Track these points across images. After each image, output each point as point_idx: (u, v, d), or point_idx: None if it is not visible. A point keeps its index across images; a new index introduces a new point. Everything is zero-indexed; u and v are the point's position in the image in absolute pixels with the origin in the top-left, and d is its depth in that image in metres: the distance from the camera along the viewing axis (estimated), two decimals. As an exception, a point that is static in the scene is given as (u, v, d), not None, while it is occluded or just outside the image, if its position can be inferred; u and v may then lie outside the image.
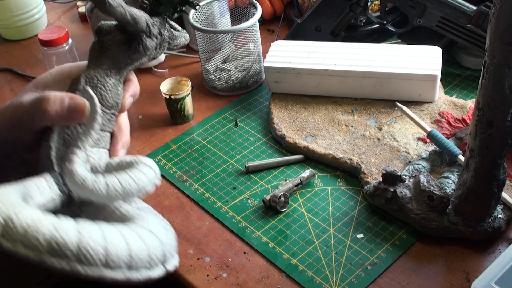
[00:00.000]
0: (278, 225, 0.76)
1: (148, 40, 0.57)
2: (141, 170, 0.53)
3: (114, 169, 0.54)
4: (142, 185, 0.52)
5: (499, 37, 0.56)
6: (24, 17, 1.25)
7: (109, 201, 0.51)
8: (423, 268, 0.69)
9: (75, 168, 0.51)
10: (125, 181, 0.51)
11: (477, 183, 0.67)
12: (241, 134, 0.93)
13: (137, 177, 0.52)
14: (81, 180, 0.50)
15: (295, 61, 0.94)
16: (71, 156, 0.52)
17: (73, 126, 0.55)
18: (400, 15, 1.07)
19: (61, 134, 0.55)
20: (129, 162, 0.54)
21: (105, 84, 0.57)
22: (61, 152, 0.55)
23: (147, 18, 0.57)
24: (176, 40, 0.60)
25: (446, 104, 0.90)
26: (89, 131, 0.52)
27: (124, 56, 0.57)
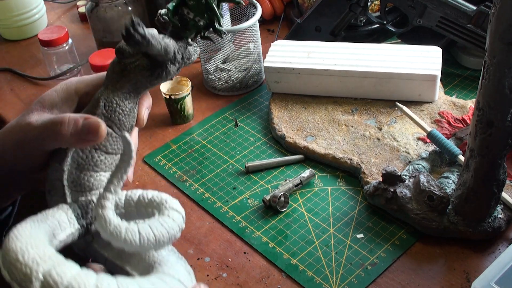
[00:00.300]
0: (278, 225, 0.76)
1: (172, 66, 0.56)
2: (171, 216, 0.53)
3: (135, 206, 0.54)
4: (172, 233, 0.52)
5: (499, 37, 0.56)
6: (24, 17, 1.25)
7: (141, 251, 0.51)
8: (423, 268, 0.69)
9: (108, 216, 0.49)
10: (158, 231, 0.51)
11: (477, 183, 0.67)
12: (241, 134, 0.93)
13: (168, 225, 0.52)
14: (116, 231, 0.49)
15: (295, 61, 0.94)
16: (104, 202, 0.50)
17: (88, 151, 0.55)
18: (400, 15, 1.07)
19: (75, 158, 0.54)
20: (151, 200, 0.54)
21: (124, 108, 0.56)
22: (73, 175, 0.55)
23: (175, 46, 0.55)
24: (191, 58, 0.58)
25: (446, 104, 0.90)
26: (122, 175, 0.50)
27: (146, 81, 0.56)
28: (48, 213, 0.51)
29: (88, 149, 0.55)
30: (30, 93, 1.10)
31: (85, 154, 0.55)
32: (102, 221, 0.49)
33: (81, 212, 0.53)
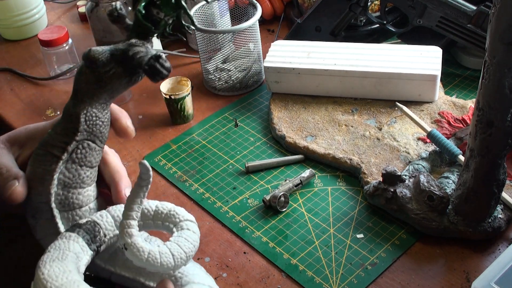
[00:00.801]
0: (278, 225, 0.76)
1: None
2: (190, 228, 0.55)
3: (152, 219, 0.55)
4: (197, 245, 0.54)
5: (499, 37, 0.56)
6: (24, 17, 1.25)
7: (175, 270, 0.53)
8: (423, 268, 0.69)
9: (140, 244, 0.50)
10: (187, 247, 0.53)
11: (477, 183, 0.67)
12: (241, 134, 0.93)
13: (192, 238, 0.54)
14: (151, 257, 0.50)
15: (295, 61, 0.94)
16: (130, 230, 0.51)
17: (74, 169, 0.55)
18: (400, 15, 1.07)
19: (61, 179, 0.54)
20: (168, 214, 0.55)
21: (103, 119, 0.55)
22: (61, 196, 0.55)
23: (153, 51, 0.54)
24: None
25: (446, 104, 0.90)
26: (142, 200, 0.50)
27: (123, 88, 0.54)
28: (61, 247, 0.51)
29: (74, 168, 0.54)
30: (30, 93, 1.10)
31: (72, 173, 0.55)
32: (135, 251, 0.50)
33: (90, 237, 0.54)
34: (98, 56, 0.52)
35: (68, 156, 0.54)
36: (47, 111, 1.05)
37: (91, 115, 0.54)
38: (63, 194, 0.55)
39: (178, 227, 0.55)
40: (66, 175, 0.54)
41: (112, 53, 0.52)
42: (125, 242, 0.50)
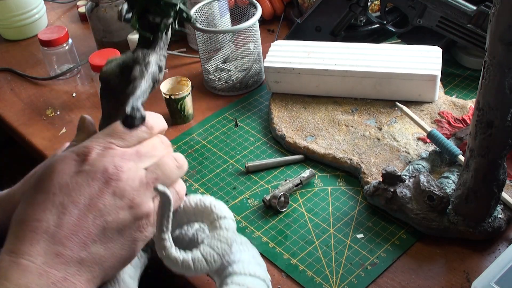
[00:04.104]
0: (278, 225, 0.76)
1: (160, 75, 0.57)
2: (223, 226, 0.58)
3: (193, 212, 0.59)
4: (230, 242, 0.58)
5: (499, 37, 0.56)
6: (24, 17, 1.25)
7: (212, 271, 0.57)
8: (423, 268, 0.69)
9: (174, 255, 0.55)
10: (220, 248, 0.57)
11: (477, 183, 0.67)
12: (241, 134, 0.93)
13: (225, 237, 0.57)
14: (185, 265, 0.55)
15: (295, 61, 0.94)
16: (163, 243, 0.55)
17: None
18: (400, 15, 1.07)
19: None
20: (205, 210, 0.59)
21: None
22: None
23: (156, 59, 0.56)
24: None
25: (446, 104, 0.90)
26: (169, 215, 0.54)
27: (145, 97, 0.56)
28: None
29: None
30: (30, 93, 1.10)
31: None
32: (171, 262, 0.55)
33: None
34: (110, 77, 0.55)
35: None
36: (47, 111, 1.05)
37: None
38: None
39: (213, 227, 0.58)
40: None
41: (122, 71, 0.55)
42: (161, 255, 0.55)
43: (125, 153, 0.53)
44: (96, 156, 0.52)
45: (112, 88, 0.55)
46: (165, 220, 0.53)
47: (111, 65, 0.55)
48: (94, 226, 0.50)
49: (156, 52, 0.56)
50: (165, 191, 0.52)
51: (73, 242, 0.49)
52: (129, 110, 0.50)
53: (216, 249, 0.56)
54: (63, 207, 0.50)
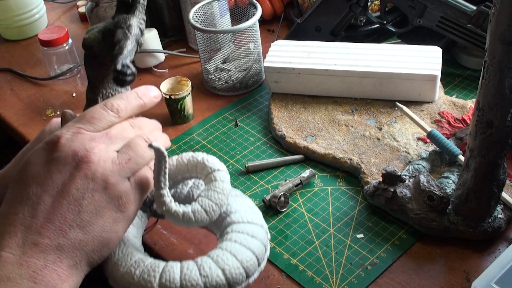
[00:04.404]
0: (278, 225, 0.76)
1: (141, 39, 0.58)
2: (219, 178, 0.59)
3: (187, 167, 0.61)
4: (227, 192, 0.59)
5: (499, 38, 0.56)
6: (24, 17, 1.25)
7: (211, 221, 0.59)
8: (423, 268, 0.69)
9: (174, 209, 0.57)
10: (217, 199, 0.59)
11: (477, 183, 0.67)
12: (241, 134, 0.93)
13: (221, 188, 0.59)
14: (186, 218, 0.57)
15: (295, 61, 0.94)
16: (163, 199, 0.56)
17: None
18: (400, 15, 1.07)
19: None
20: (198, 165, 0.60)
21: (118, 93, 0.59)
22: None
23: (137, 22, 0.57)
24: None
25: (446, 104, 0.90)
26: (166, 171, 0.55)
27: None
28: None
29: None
30: (30, 93, 1.10)
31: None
32: (172, 216, 0.57)
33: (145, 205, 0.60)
34: (92, 43, 0.57)
35: None
36: (47, 111, 1.05)
37: (107, 96, 0.58)
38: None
39: (208, 179, 0.60)
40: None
41: (104, 36, 0.57)
42: (162, 210, 0.57)
43: (95, 136, 0.54)
44: (66, 141, 0.52)
45: (96, 55, 0.57)
46: (161, 177, 0.55)
47: (93, 31, 0.57)
48: (69, 211, 0.51)
49: (136, 15, 0.58)
50: (160, 147, 0.54)
51: (50, 230, 0.50)
52: (119, 67, 0.52)
53: (214, 199, 0.58)
54: (36, 197, 0.51)
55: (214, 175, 0.60)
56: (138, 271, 0.55)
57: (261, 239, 0.60)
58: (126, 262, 0.56)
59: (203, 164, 0.60)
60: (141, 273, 0.55)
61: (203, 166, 0.60)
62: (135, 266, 0.55)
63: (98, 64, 0.57)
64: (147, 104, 0.59)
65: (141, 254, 0.57)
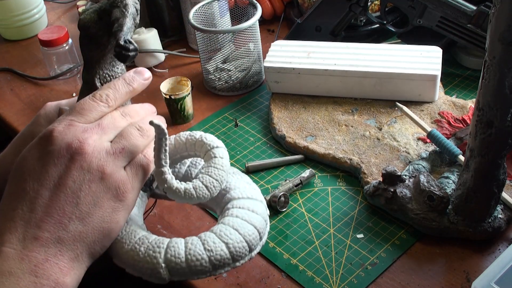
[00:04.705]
0: (278, 225, 0.76)
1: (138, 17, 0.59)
2: (218, 154, 0.61)
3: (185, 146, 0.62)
4: (227, 168, 0.61)
5: (499, 37, 0.56)
6: (24, 17, 1.25)
7: (212, 197, 0.60)
8: (423, 268, 0.69)
9: (175, 186, 0.57)
10: (218, 175, 0.59)
11: (477, 183, 0.67)
12: (241, 134, 0.93)
13: (221, 164, 0.60)
14: (188, 194, 0.58)
15: (295, 61, 0.94)
16: (164, 176, 0.57)
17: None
18: (400, 15, 1.07)
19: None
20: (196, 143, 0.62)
21: (116, 75, 0.60)
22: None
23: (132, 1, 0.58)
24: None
25: (446, 104, 0.90)
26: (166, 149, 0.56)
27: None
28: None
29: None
30: (30, 93, 1.10)
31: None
32: (173, 193, 0.57)
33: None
34: (89, 23, 0.57)
35: None
36: (47, 111, 1.04)
37: (104, 76, 0.59)
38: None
39: (207, 156, 0.61)
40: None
41: (100, 17, 0.57)
42: (163, 188, 0.57)
43: (87, 127, 0.54)
44: (58, 134, 0.53)
45: (92, 35, 0.57)
46: (162, 154, 0.56)
47: (89, 12, 0.58)
48: (67, 204, 0.51)
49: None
50: (160, 124, 0.55)
51: (49, 223, 0.51)
52: (122, 42, 0.53)
53: (214, 176, 0.59)
54: (34, 191, 0.51)
55: (213, 151, 0.61)
56: (143, 248, 0.55)
57: (261, 214, 0.61)
58: (130, 240, 0.56)
59: (202, 142, 0.61)
60: (146, 249, 0.55)
61: (201, 144, 0.61)
62: (139, 243, 0.56)
63: (95, 45, 0.57)
64: (137, 89, 0.59)
65: (145, 232, 0.58)
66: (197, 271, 0.55)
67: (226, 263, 0.56)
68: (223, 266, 0.56)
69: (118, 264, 0.57)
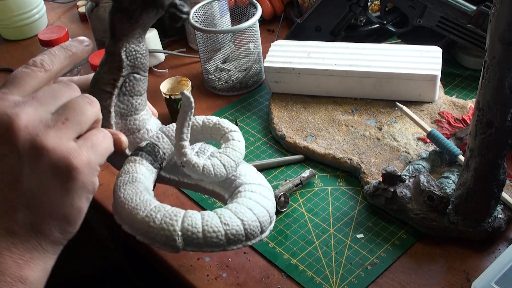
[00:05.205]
0: (278, 225, 0.76)
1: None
2: (235, 137, 0.62)
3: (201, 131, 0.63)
4: (243, 152, 0.62)
5: (499, 37, 0.56)
6: (24, 17, 1.25)
7: (227, 177, 0.61)
8: (423, 268, 0.69)
9: (194, 160, 0.58)
10: (235, 156, 0.61)
11: (477, 183, 0.67)
12: (241, 134, 0.93)
13: (238, 147, 0.62)
14: (206, 171, 0.59)
15: (295, 61, 0.94)
16: (183, 150, 0.58)
17: (127, 100, 0.61)
18: (400, 15, 1.07)
19: (117, 110, 0.61)
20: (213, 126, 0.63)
21: (142, 52, 0.60)
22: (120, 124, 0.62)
23: None
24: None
25: (446, 104, 0.90)
26: (189, 123, 0.57)
27: (153, 19, 0.59)
28: (130, 170, 0.60)
29: (126, 99, 0.61)
30: (30, 93, 1.10)
31: (125, 104, 0.61)
32: (191, 167, 0.58)
33: (152, 158, 0.61)
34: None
35: (118, 91, 0.60)
36: (47, 111, 1.04)
37: (130, 50, 0.59)
38: (122, 122, 0.62)
39: (225, 138, 0.62)
40: (121, 107, 0.61)
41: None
42: (182, 161, 0.58)
43: (19, 101, 0.46)
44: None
45: (125, 8, 0.57)
46: (185, 128, 0.57)
47: None
48: (10, 192, 0.45)
49: None
50: (189, 96, 0.55)
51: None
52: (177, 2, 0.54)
53: (232, 156, 0.61)
54: None
55: (231, 134, 0.62)
56: (159, 215, 0.55)
57: (271, 200, 0.62)
58: (146, 207, 0.56)
59: (219, 125, 0.63)
60: (163, 217, 0.55)
61: (218, 127, 0.63)
62: (155, 211, 0.55)
63: (127, 18, 0.57)
64: (76, 53, 0.53)
65: (159, 202, 0.57)
66: (212, 243, 0.55)
67: (240, 239, 0.57)
68: (236, 242, 0.56)
69: (129, 230, 0.56)
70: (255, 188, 0.62)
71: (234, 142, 0.62)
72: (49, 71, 0.49)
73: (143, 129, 0.64)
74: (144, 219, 0.55)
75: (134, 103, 0.62)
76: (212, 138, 0.64)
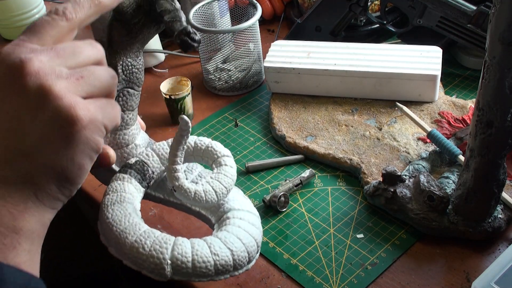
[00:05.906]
0: (278, 225, 0.76)
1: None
2: (227, 163, 0.61)
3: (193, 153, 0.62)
4: (234, 178, 0.61)
5: (499, 37, 0.56)
6: (24, 17, 1.25)
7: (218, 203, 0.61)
8: (423, 268, 0.69)
9: (186, 186, 0.57)
10: (227, 183, 0.60)
11: (477, 183, 0.67)
12: (241, 134, 0.93)
13: (230, 173, 0.61)
14: (197, 196, 0.58)
15: (295, 61, 0.94)
16: (176, 174, 0.57)
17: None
18: (400, 15, 1.07)
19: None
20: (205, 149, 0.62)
21: (138, 66, 0.59)
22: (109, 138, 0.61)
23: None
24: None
25: (446, 104, 0.90)
26: (183, 147, 0.56)
27: (153, 34, 0.58)
28: (118, 189, 0.58)
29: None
30: (30, 93, 1.10)
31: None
32: (183, 192, 0.57)
33: (140, 176, 0.60)
34: (126, 9, 0.56)
35: None
36: (47, 111, 1.04)
37: (127, 64, 0.58)
38: (111, 136, 0.61)
39: (217, 163, 0.61)
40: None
41: (138, 5, 0.56)
42: (174, 185, 0.57)
43: (37, 48, 0.44)
44: (4, 57, 0.43)
45: (127, 21, 0.56)
46: (179, 152, 0.56)
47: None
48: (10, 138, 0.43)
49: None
50: (188, 121, 0.54)
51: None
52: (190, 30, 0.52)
53: (223, 183, 0.60)
54: None
55: (224, 159, 0.61)
56: (149, 242, 0.53)
57: (259, 228, 0.61)
58: (135, 232, 0.54)
59: (211, 149, 0.62)
60: (152, 243, 0.53)
61: (211, 151, 0.62)
62: (145, 237, 0.54)
63: (126, 31, 0.56)
64: (104, 1, 0.49)
65: (148, 227, 0.56)
66: (201, 273, 0.54)
67: (228, 270, 0.56)
68: (224, 273, 0.55)
69: (115, 254, 0.55)
70: (244, 215, 0.61)
71: (226, 168, 0.61)
72: (70, 20, 0.46)
73: (131, 144, 0.63)
74: (133, 245, 0.54)
75: (125, 118, 0.61)
76: (203, 160, 0.63)
